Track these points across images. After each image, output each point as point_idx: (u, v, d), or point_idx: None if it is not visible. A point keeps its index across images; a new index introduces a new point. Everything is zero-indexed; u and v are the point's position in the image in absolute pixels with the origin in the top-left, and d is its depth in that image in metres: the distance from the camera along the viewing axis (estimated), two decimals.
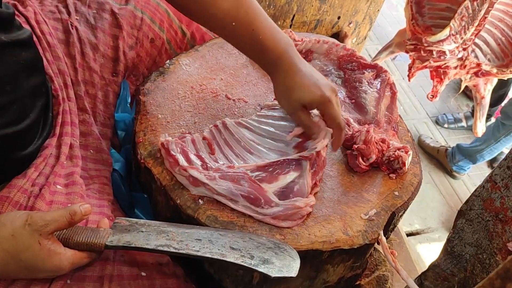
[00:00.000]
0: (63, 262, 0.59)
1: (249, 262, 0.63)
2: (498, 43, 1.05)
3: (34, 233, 0.57)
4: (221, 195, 0.72)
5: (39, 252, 0.57)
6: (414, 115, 2.63)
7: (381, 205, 0.79)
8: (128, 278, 0.66)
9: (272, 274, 0.61)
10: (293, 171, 0.76)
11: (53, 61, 0.83)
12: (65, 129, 0.79)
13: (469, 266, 0.70)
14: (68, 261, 0.60)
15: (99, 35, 0.90)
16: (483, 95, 1.16)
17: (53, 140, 0.76)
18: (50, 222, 0.58)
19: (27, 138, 0.72)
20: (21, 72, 0.69)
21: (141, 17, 0.96)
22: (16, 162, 0.71)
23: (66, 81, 0.83)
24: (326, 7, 1.35)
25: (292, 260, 0.64)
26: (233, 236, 0.66)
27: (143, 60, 0.98)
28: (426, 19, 1.07)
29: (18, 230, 0.56)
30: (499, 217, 0.64)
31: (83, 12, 0.91)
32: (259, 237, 0.67)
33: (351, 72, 1.02)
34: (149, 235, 0.66)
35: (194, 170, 0.72)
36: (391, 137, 0.90)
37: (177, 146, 0.75)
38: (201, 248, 0.64)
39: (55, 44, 0.84)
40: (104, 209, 0.75)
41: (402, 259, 1.15)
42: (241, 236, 0.67)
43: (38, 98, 0.75)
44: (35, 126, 0.74)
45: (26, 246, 0.56)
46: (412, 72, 1.12)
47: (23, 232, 0.56)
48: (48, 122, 0.78)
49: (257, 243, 0.66)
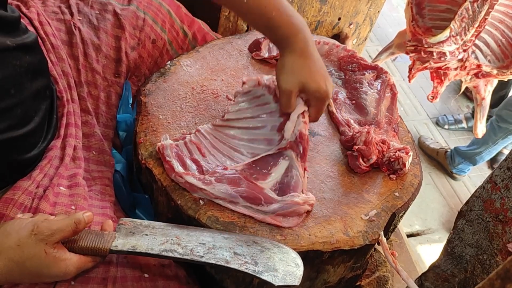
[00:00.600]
0: (69, 267, 0.60)
1: (252, 269, 0.62)
2: (498, 44, 1.06)
3: (40, 242, 0.57)
4: (220, 198, 0.72)
5: (44, 259, 0.57)
6: (414, 116, 2.63)
7: (382, 206, 0.79)
8: (131, 279, 0.67)
9: (276, 283, 0.61)
10: (283, 159, 0.76)
11: (57, 63, 0.83)
12: (69, 130, 0.79)
13: (469, 266, 0.70)
14: (74, 266, 0.60)
15: (102, 36, 0.90)
16: (483, 96, 1.16)
17: (58, 142, 0.77)
18: (56, 231, 0.58)
19: (31, 141, 0.72)
20: (25, 75, 0.69)
21: (143, 18, 0.96)
22: (21, 165, 0.71)
23: (70, 82, 0.83)
24: (327, 8, 1.36)
25: (296, 268, 0.64)
26: (237, 240, 0.66)
27: (145, 61, 0.99)
28: (426, 21, 1.08)
29: (24, 240, 0.56)
30: (499, 218, 0.64)
31: (85, 13, 0.91)
32: (263, 241, 0.67)
33: (352, 73, 1.02)
34: (153, 239, 0.66)
35: (190, 176, 0.72)
36: (391, 138, 0.90)
37: (172, 151, 0.75)
38: (205, 254, 0.64)
39: (58, 45, 0.84)
40: (107, 210, 0.75)
41: (402, 260, 1.15)
42: (245, 240, 0.66)
43: (43, 101, 0.75)
44: (40, 129, 0.74)
45: (31, 255, 0.56)
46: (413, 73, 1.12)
47: (29, 242, 0.56)
48: (53, 124, 0.78)
49: (261, 247, 0.66)
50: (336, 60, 1.05)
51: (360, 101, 0.96)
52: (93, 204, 0.74)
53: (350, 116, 0.94)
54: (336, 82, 1.02)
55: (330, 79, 0.78)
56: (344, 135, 0.89)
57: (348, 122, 0.92)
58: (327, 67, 1.04)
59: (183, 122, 0.85)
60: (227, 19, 1.28)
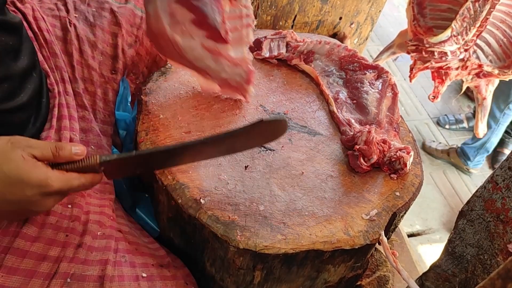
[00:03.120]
0: (51, 177, 0.57)
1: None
2: (500, 44, 1.05)
3: (16, 149, 0.55)
4: None
5: (22, 164, 0.55)
6: (415, 116, 2.63)
7: (382, 206, 0.79)
8: (128, 278, 0.66)
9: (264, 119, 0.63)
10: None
11: (50, 57, 0.83)
12: (63, 123, 0.78)
13: (470, 266, 0.70)
14: (57, 179, 0.57)
15: (98, 33, 0.90)
16: (484, 96, 1.16)
17: (51, 133, 0.76)
18: (33, 145, 0.56)
19: (20, 118, 0.71)
20: (7, 54, 0.68)
21: (141, 16, 0.96)
22: None
23: (64, 76, 0.83)
24: (328, 8, 1.35)
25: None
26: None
27: (143, 59, 0.98)
28: (427, 20, 1.07)
29: (1, 147, 0.55)
30: (500, 218, 0.64)
31: (82, 10, 0.92)
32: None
33: (353, 72, 1.02)
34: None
35: None
36: (392, 137, 0.90)
37: None
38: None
39: (52, 40, 0.84)
40: (105, 209, 0.75)
41: (403, 260, 1.15)
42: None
43: (28, 81, 0.74)
44: (28, 108, 0.73)
45: (8, 159, 0.54)
46: (414, 73, 1.12)
47: (6, 148, 0.55)
48: (42, 107, 0.77)
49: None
50: (337, 60, 1.05)
51: (361, 101, 0.96)
52: (91, 202, 0.74)
53: (351, 116, 0.94)
54: (337, 81, 1.02)
55: None
56: (345, 135, 0.89)
57: (349, 121, 0.92)
58: (328, 67, 1.04)
59: (184, 122, 0.85)
60: None
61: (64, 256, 0.65)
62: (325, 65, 1.04)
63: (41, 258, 0.64)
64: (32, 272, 0.63)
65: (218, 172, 0.78)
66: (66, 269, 0.64)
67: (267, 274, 0.74)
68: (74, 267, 0.64)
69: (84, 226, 0.69)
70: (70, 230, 0.68)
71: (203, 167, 0.78)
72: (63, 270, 0.64)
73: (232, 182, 0.77)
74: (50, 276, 0.63)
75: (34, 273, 0.63)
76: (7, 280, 0.61)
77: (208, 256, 0.76)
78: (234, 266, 0.73)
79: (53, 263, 0.64)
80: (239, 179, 0.78)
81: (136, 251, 0.73)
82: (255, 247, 0.68)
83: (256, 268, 0.73)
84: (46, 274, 0.63)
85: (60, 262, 0.64)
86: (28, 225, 0.65)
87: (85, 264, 0.66)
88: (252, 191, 0.76)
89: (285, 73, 1.03)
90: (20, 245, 0.64)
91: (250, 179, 0.78)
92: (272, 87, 0.98)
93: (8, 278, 0.61)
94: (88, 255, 0.66)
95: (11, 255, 0.62)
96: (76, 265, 0.65)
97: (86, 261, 0.66)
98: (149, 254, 0.74)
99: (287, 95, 0.97)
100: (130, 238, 0.75)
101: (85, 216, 0.71)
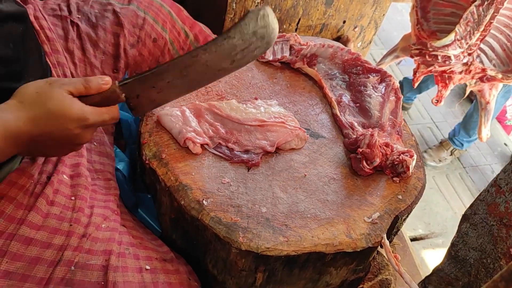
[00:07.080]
0: (86, 112, 0.62)
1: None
2: (503, 48, 1.05)
3: (55, 88, 0.61)
4: None
5: (64, 98, 0.60)
6: (418, 120, 2.62)
7: (385, 209, 0.79)
8: (132, 270, 0.67)
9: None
10: None
11: (52, 54, 0.83)
12: None
13: (473, 270, 0.70)
14: (91, 112, 0.62)
15: (100, 33, 0.91)
16: (488, 100, 1.16)
17: None
18: (67, 82, 0.62)
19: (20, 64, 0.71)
20: (16, 38, 0.70)
21: (143, 17, 0.97)
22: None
23: (66, 72, 0.84)
24: (332, 11, 1.36)
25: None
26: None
27: (145, 59, 0.99)
28: (431, 24, 1.07)
29: (41, 88, 0.60)
30: (503, 221, 0.64)
31: (85, 12, 0.92)
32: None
33: (356, 76, 1.02)
34: None
35: None
36: (395, 141, 0.90)
37: None
38: None
39: (54, 38, 0.85)
40: (109, 204, 0.75)
41: (405, 264, 1.15)
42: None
43: (34, 67, 0.74)
44: (31, 66, 0.73)
45: (50, 96, 0.60)
46: (417, 77, 1.12)
47: (46, 87, 0.60)
48: (43, 66, 0.78)
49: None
50: (340, 63, 1.05)
51: (364, 104, 0.96)
52: (96, 197, 0.75)
53: (354, 119, 0.94)
54: (340, 85, 1.02)
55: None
56: (347, 138, 0.89)
57: (352, 124, 0.92)
58: (331, 70, 1.04)
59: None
60: (232, 21, 1.28)
61: (69, 245, 0.66)
62: (328, 68, 1.05)
63: (46, 246, 0.65)
64: (37, 259, 0.63)
65: (221, 173, 0.78)
66: (70, 257, 0.65)
67: (269, 276, 0.74)
68: (78, 256, 0.65)
69: (88, 218, 0.70)
70: (74, 220, 0.69)
71: (206, 168, 0.78)
72: (67, 258, 0.65)
73: (234, 184, 0.77)
74: (54, 264, 0.64)
75: (39, 260, 0.63)
76: (12, 266, 0.61)
77: (210, 257, 0.76)
78: (236, 267, 0.73)
79: (57, 251, 0.65)
80: (241, 181, 0.78)
81: (140, 244, 0.74)
82: (257, 248, 0.68)
83: (258, 270, 0.73)
84: (51, 261, 0.64)
85: (64, 250, 0.65)
86: (33, 213, 0.66)
87: (89, 253, 0.66)
88: (254, 193, 0.76)
89: (288, 76, 1.03)
90: (25, 233, 0.64)
91: (252, 181, 0.78)
92: (275, 89, 0.98)
93: (13, 264, 0.62)
94: (92, 245, 0.67)
95: (16, 242, 0.63)
96: (80, 254, 0.66)
97: (90, 251, 0.67)
98: (153, 249, 0.75)
99: (290, 98, 0.97)
100: (134, 233, 0.76)
101: (89, 210, 0.72)
